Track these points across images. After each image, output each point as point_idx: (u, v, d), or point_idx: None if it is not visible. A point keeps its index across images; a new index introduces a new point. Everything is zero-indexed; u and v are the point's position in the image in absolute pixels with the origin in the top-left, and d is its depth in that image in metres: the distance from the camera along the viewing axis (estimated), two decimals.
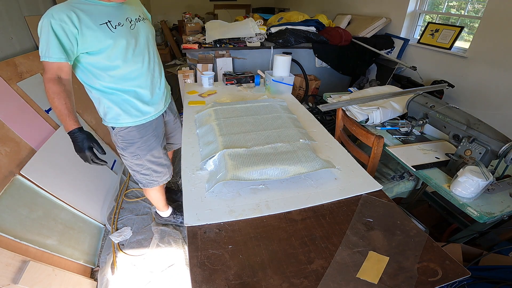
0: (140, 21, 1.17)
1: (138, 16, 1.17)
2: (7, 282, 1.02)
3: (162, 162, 1.41)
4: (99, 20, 1.01)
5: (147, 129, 1.27)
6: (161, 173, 1.43)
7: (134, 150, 1.28)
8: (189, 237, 0.84)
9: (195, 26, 3.44)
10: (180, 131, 1.61)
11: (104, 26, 1.02)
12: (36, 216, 1.34)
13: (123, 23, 1.08)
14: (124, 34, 1.07)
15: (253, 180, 1.01)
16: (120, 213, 1.90)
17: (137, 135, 1.26)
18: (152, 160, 1.35)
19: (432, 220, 1.74)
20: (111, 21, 1.04)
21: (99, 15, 1.02)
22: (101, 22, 1.01)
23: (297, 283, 0.72)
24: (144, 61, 1.18)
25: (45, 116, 1.71)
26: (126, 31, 1.08)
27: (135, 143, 1.27)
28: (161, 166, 1.41)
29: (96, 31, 1.00)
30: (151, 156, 1.33)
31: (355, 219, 0.91)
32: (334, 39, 2.99)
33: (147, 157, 1.32)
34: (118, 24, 1.06)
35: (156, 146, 1.33)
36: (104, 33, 1.02)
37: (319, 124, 1.51)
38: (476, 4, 2.52)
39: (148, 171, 1.37)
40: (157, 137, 1.33)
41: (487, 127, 1.11)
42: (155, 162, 1.37)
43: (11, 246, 1.13)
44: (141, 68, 1.17)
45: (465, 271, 0.74)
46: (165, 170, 1.44)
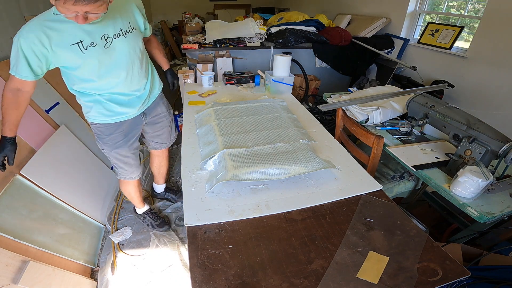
0: (120, 37, 1.10)
1: (119, 30, 1.10)
2: (7, 282, 1.02)
3: (129, 161, 1.43)
4: (70, 40, 0.99)
5: (115, 128, 1.29)
6: (128, 171, 1.47)
7: (101, 144, 1.34)
8: (189, 237, 0.84)
9: (195, 26, 3.44)
10: (168, 131, 1.61)
11: (75, 46, 1.00)
12: (36, 216, 1.34)
13: (96, 43, 1.04)
14: (96, 54, 1.05)
15: (253, 180, 1.01)
16: (120, 213, 1.90)
17: (105, 131, 1.28)
18: (118, 157, 1.38)
19: (432, 220, 1.74)
20: (83, 41, 1.01)
21: (71, 34, 0.99)
22: (72, 42, 0.99)
23: (297, 283, 0.72)
24: (121, 75, 1.15)
25: (45, 116, 1.71)
26: (99, 50, 1.05)
27: (102, 139, 1.31)
28: (127, 165, 1.44)
29: (67, 51, 0.99)
30: (116, 154, 1.37)
31: (355, 219, 0.91)
32: (334, 39, 2.99)
33: (112, 154, 1.36)
34: (90, 44, 1.02)
35: (122, 145, 1.34)
36: (74, 54, 1.00)
37: (319, 124, 1.51)
38: (476, 4, 2.52)
39: (115, 164, 1.43)
40: (125, 137, 1.34)
41: (487, 127, 1.11)
42: (121, 160, 1.40)
43: (11, 246, 1.13)
44: (117, 81, 1.16)
45: (465, 271, 0.74)
46: (131, 169, 1.47)
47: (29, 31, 0.94)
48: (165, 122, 1.55)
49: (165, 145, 1.67)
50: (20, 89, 1.01)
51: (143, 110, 1.36)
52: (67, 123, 1.85)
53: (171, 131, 1.65)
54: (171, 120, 1.61)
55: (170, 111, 1.59)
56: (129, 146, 1.38)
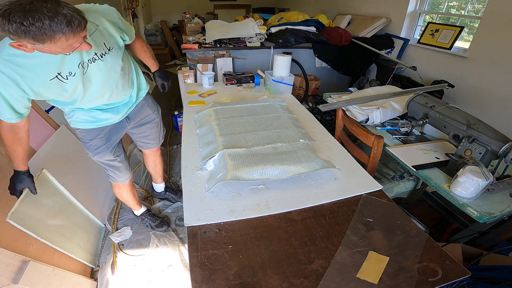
0: (96, 61, 1.01)
1: (93, 54, 1.00)
2: (7, 282, 1.02)
3: (115, 164, 1.41)
4: (48, 75, 0.91)
5: (96, 134, 1.26)
6: (117, 174, 1.45)
7: (85, 148, 1.32)
8: (189, 237, 0.84)
9: (195, 26, 3.44)
10: (156, 131, 1.58)
11: (55, 80, 0.93)
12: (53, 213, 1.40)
13: (74, 72, 0.96)
14: (78, 82, 0.99)
15: (253, 180, 1.01)
16: (120, 213, 1.90)
17: (87, 136, 1.26)
18: (101, 161, 1.36)
19: (432, 220, 1.74)
20: (61, 72, 0.93)
21: (46, 68, 0.89)
22: (51, 77, 0.91)
23: (297, 283, 0.72)
24: (104, 95, 1.13)
25: (45, 116, 1.71)
26: (79, 78, 0.99)
27: (85, 143, 1.29)
28: (114, 168, 1.42)
29: (48, 87, 0.93)
30: (99, 158, 1.34)
31: (355, 219, 0.91)
32: (334, 39, 2.99)
33: (95, 158, 1.34)
34: (69, 74, 0.95)
35: (104, 150, 1.31)
36: (57, 87, 0.95)
37: (319, 124, 1.51)
38: (476, 4, 2.52)
39: (104, 166, 1.41)
40: (107, 142, 1.31)
41: (487, 127, 1.11)
42: (106, 164, 1.39)
43: (11, 246, 1.13)
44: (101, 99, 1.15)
45: (465, 271, 0.74)
46: (120, 172, 1.45)
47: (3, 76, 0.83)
48: (152, 123, 1.52)
49: (155, 145, 1.65)
50: (14, 126, 0.97)
51: (126, 115, 1.34)
52: (67, 123, 1.85)
53: (159, 131, 1.62)
54: (158, 121, 1.57)
55: (157, 111, 1.55)
56: (112, 150, 1.35)
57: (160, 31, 5.80)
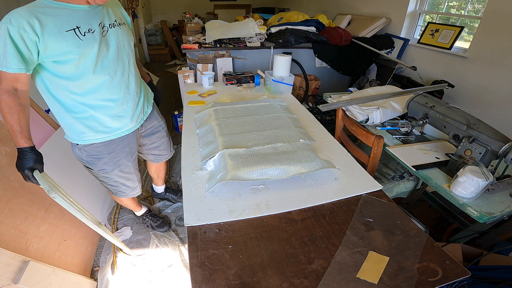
0: (115, 27, 1.05)
1: (113, 20, 1.05)
2: (7, 282, 1.02)
3: (132, 177, 1.35)
4: (65, 26, 0.90)
5: (116, 145, 1.20)
6: (130, 188, 1.38)
7: (101, 165, 1.20)
8: (189, 237, 0.84)
9: (195, 26, 3.44)
10: (166, 141, 1.55)
11: (71, 33, 0.91)
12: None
13: (94, 29, 0.96)
14: (95, 41, 0.96)
15: (253, 180, 1.01)
16: (120, 213, 1.90)
17: (104, 151, 1.17)
18: (121, 175, 1.29)
19: (432, 220, 1.74)
20: (80, 27, 0.93)
21: (67, 20, 0.91)
22: (67, 28, 0.90)
23: (297, 283, 0.72)
24: (117, 72, 1.07)
25: (45, 116, 1.71)
26: (97, 38, 0.97)
27: (102, 159, 1.19)
28: (131, 181, 1.36)
29: (61, 39, 0.89)
30: (119, 171, 1.27)
31: (355, 219, 0.91)
32: (334, 39, 2.99)
33: (114, 172, 1.26)
34: (88, 31, 0.94)
35: (125, 162, 1.26)
36: (70, 41, 0.91)
37: (319, 124, 1.51)
38: (476, 4, 2.52)
39: (116, 183, 1.32)
40: (128, 153, 1.26)
41: (487, 127, 1.11)
42: (124, 177, 1.31)
43: (11, 246, 1.13)
44: (112, 79, 1.06)
45: (465, 271, 0.74)
46: (134, 185, 1.40)
47: (19, 17, 0.84)
48: (162, 132, 1.49)
49: (165, 157, 1.61)
50: (17, 88, 0.90)
51: (139, 124, 1.27)
52: None
53: (169, 141, 1.60)
54: (166, 130, 1.54)
55: (164, 122, 1.53)
56: (132, 162, 1.30)
57: (160, 31, 5.80)
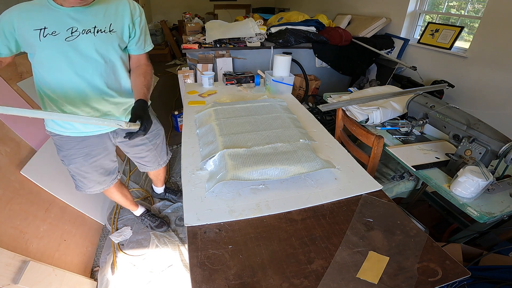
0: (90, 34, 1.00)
1: (92, 26, 1.00)
2: (7, 282, 1.02)
3: (88, 176, 1.31)
4: (36, 25, 0.94)
5: (75, 143, 1.20)
6: (86, 185, 1.35)
7: (61, 156, 1.24)
8: (189, 237, 0.84)
9: (195, 26, 3.44)
10: (154, 155, 1.48)
11: (37, 32, 0.95)
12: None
13: (58, 32, 0.96)
14: (52, 45, 0.97)
15: (253, 180, 1.01)
16: (120, 213, 1.90)
17: (64, 145, 1.20)
18: (76, 171, 1.28)
19: (432, 220, 1.74)
20: (47, 27, 0.95)
21: (41, 19, 0.95)
22: (36, 28, 0.94)
23: (297, 283, 0.72)
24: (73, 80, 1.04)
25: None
26: (57, 42, 0.97)
27: (62, 151, 1.22)
28: (87, 180, 1.33)
29: (27, 36, 0.95)
30: (75, 168, 1.27)
31: (355, 219, 0.91)
32: (334, 39, 2.99)
33: (70, 167, 1.27)
34: (51, 33, 0.96)
35: (81, 162, 1.24)
36: (32, 40, 0.95)
37: (319, 124, 1.51)
38: (476, 4, 2.52)
39: (73, 176, 1.33)
40: (87, 155, 1.23)
41: (487, 127, 1.11)
42: (80, 175, 1.30)
43: (11, 246, 1.13)
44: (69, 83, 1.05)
45: (465, 271, 0.74)
46: (91, 184, 1.35)
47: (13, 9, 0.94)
48: (148, 145, 1.41)
49: (153, 168, 1.55)
50: None
51: (113, 128, 1.23)
52: None
53: (160, 155, 1.52)
54: (158, 143, 1.47)
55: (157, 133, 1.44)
56: (91, 164, 1.27)
57: (160, 31, 5.80)
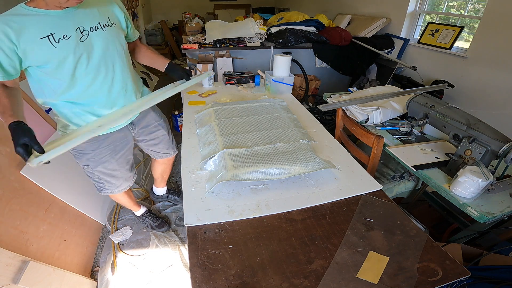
0: (99, 29, 1.01)
1: (96, 23, 1.01)
2: (7, 282, 1.02)
3: (116, 174, 1.32)
4: (38, 33, 0.89)
5: (100, 142, 1.18)
6: (114, 185, 1.35)
7: (84, 161, 1.21)
8: (189, 237, 0.84)
9: (195, 26, 3.44)
10: (167, 140, 1.50)
11: (45, 40, 0.90)
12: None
13: (70, 35, 0.94)
14: (70, 48, 0.94)
15: (253, 180, 1.01)
16: (120, 213, 1.90)
17: (88, 147, 1.16)
18: (104, 171, 1.27)
19: (432, 220, 1.74)
20: (54, 33, 0.91)
21: (40, 27, 0.89)
22: (41, 36, 0.89)
23: (297, 283, 0.72)
24: (99, 75, 1.05)
25: (45, 116, 1.71)
26: (73, 44, 0.95)
27: (86, 155, 1.18)
28: (115, 178, 1.33)
29: (37, 47, 0.89)
30: (103, 168, 1.25)
31: (355, 219, 0.91)
32: (334, 39, 2.99)
33: (98, 169, 1.24)
34: (63, 37, 0.92)
35: (109, 159, 1.24)
36: (45, 49, 0.90)
37: (319, 124, 1.51)
38: (476, 4, 2.52)
39: (100, 179, 1.31)
40: (112, 151, 1.23)
41: (487, 127, 1.11)
42: (108, 174, 1.29)
43: (11, 246, 1.13)
44: (92, 83, 1.04)
45: (465, 271, 0.74)
46: (119, 182, 1.36)
47: None
48: (162, 131, 1.44)
49: (167, 155, 1.56)
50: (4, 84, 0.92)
51: (131, 120, 1.25)
52: None
53: (172, 140, 1.54)
54: (168, 128, 1.50)
55: (165, 121, 1.47)
56: (117, 160, 1.28)
57: (160, 31, 5.79)
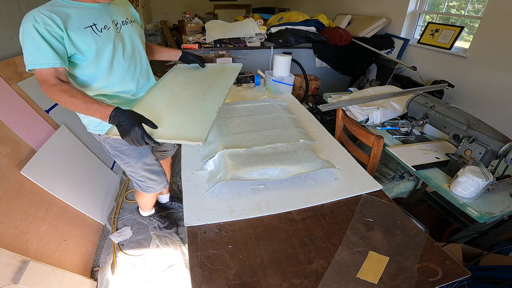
0: (127, 24, 1.09)
1: (125, 18, 1.09)
2: (7, 282, 1.02)
3: (155, 169, 1.32)
4: (83, 23, 0.93)
5: None
6: (157, 181, 1.35)
7: (124, 157, 1.20)
8: (189, 237, 0.84)
9: (195, 26, 3.44)
10: None
11: (89, 29, 0.94)
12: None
13: (109, 26, 1.00)
14: (110, 38, 1.00)
15: (253, 180, 1.01)
16: (120, 213, 1.90)
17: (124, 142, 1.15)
18: (145, 168, 1.27)
19: (432, 220, 1.74)
20: (96, 24, 0.97)
21: (83, 18, 0.94)
22: (85, 26, 0.94)
23: (297, 283, 0.72)
24: (130, 66, 1.10)
25: (45, 116, 1.71)
26: (113, 35, 1.01)
27: (124, 151, 1.18)
28: (155, 174, 1.33)
29: (82, 35, 0.93)
30: (143, 164, 1.25)
31: (355, 219, 0.91)
32: (334, 39, 2.99)
33: (138, 165, 1.24)
34: (104, 27, 0.98)
35: (147, 153, 1.24)
36: (90, 37, 0.94)
37: (319, 124, 1.51)
38: (476, 4, 2.52)
39: (142, 178, 1.30)
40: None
41: (487, 127, 1.11)
42: (149, 170, 1.29)
43: (11, 246, 1.13)
44: (126, 73, 1.09)
45: (465, 271, 0.74)
46: (160, 178, 1.36)
47: (41, 14, 0.86)
48: None
49: (170, 152, 1.58)
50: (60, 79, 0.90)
51: None
52: (67, 123, 1.85)
53: None
54: None
55: None
56: (153, 151, 1.29)
57: (160, 31, 5.80)
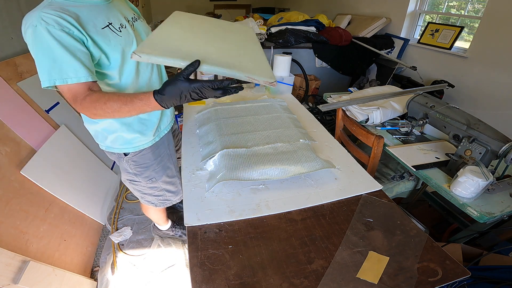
0: (137, 20, 0.98)
1: (132, 14, 0.97)
2: (7, 282, 1.02)
3: (175, 181, 1.28)
4: (98, 23, 0.79)
5: (160, 148, 1.14)
6: (175, 192, 1.31)
7: (149, 173, 1.13)
8: (189, 237, 0.84)
9: None
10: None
11: (107, 30, 0.80)
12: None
13: (125, 24, 0.88)
14: (132, 37, 0.88)
15: (253, 180, 1.01)
16: (120, 213, 1.90)
17: (152, 156, 1.10)
18: (167, 180, 1.23)
19: (432, 220, 1.74)
20: (112, 23, 0.83)
21: (94, 17, 0.78)
22: (102, 26, 0.79)
23: (297, 283, 0.72)
24: (154, 67, 1.01)
25: (45, 116, 1.72)
26: (131, 33, 0.89)
27: (150, 166, 1.11)
28: (174, 186, 1.29)
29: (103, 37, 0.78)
30: (166, 177, 1.21)
31: (355, 219, 0.91)
32: (334, 39, 2.99)
33: (162, 179, 1.19)
34: (121, 26, 0.85)
35: (169, 165, 1.21)
36: (111, 37, 0.81)
37: (319, 124, 1.51)
38: (476, 4, 2.52)
39: (161, 191, 1.25)
40: (170, 156, 1.21)
41: (487, 127, 1.11)
42: (170, 182, 1.25)
43: (11, 246, 1.13)
44: (151, 76, 1.00)
45: (465, 271, 0.74)
46: (177, 188, 1.31)
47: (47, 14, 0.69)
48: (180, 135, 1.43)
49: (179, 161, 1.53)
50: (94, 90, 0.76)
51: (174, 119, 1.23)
52: (67, 123, 1.85)
53: None
54: None
55: None
56: (174, 163, 1.24)
57: None
